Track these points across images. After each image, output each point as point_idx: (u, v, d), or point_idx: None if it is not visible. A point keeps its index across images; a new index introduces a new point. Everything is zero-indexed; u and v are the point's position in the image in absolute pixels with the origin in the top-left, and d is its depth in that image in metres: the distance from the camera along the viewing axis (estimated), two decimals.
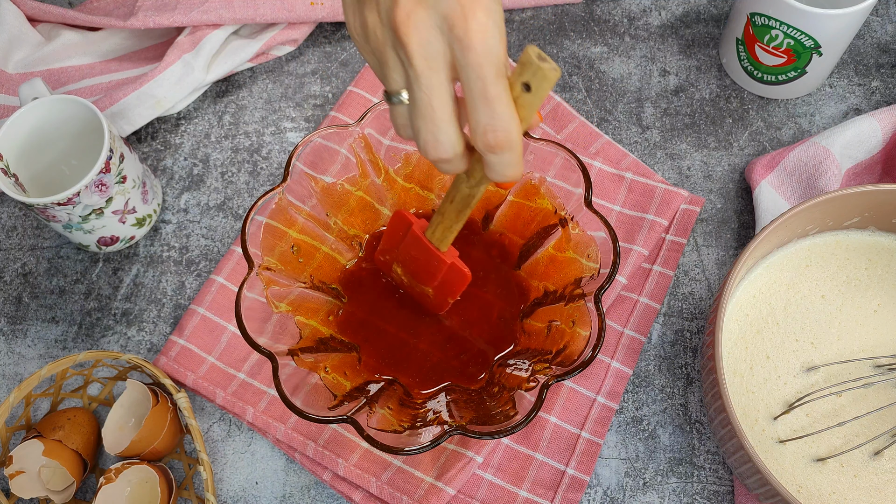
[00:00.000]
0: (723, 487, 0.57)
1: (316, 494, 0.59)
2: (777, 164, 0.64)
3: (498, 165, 0.40)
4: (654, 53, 0.72)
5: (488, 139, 0.38)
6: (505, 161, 0.40)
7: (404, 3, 0.37)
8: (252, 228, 0.53)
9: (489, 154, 0.39)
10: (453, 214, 0.48)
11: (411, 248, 0.53)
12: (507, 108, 0.38)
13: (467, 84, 0.38)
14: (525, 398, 0.50)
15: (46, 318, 0.65)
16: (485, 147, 0.39)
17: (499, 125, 0.38)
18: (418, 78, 0.38)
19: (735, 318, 0.57)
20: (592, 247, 0.54)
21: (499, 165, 0.40)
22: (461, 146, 0.41)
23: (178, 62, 0.68)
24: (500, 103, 0.37)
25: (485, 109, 0.38)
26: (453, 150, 0.40)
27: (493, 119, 0.38)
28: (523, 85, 0.38)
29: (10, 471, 0.56)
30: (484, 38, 0.36)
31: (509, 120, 0.38)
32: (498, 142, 0.38)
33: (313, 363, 0.53)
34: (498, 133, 0.38)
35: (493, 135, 0.38)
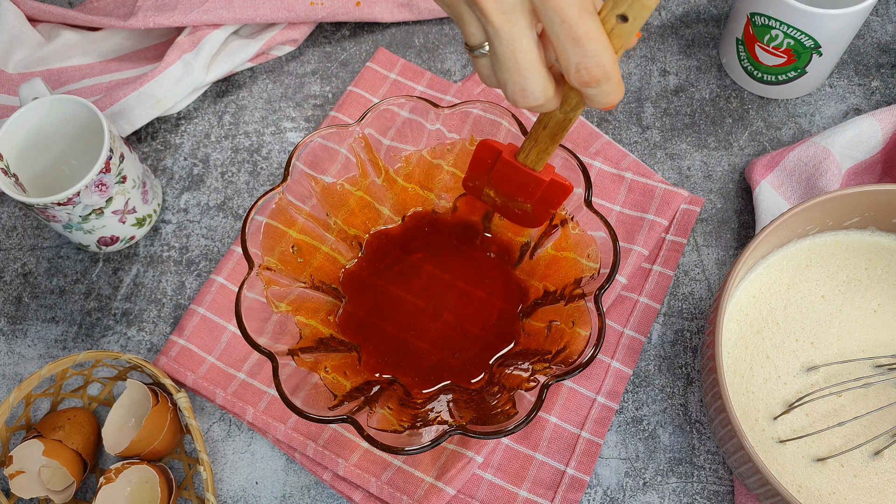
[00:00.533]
0: (723, 487, 0.57)
1: (316, 494, 0.59)
2: (777, 164, 0.64)
3: (597, 96, 0.39)
4: (654, 53, 0.72)
5: (583, 76, 0.37)
6: (604, 91, 0.38)
7: None
8: (252, 228, 0.53)
9: (586, 88, 0.38)
10: (547, 139, 0.47)
11: (505, 173, 0.51)
12: (597, 43, 0.36)
13: (551, 29, 0.37)
14: (525, 398, 0.50)
15: (46, 318, 0.65)
16: (580, 84, 0.38)
17: (592, 62, 0.37)
18: (498, 33, 0.37)
19: (735, 318, 0.57)
20: (592, 247, 0.54)
21: (598, 96, 0.39)
22: (551, 90, 0.40)
23: (178, 62, 0.68)
24: (591, 41, 0.36)
25: (575, 49, 0.37)
26: (544, 97, 0.39)
27: (584, 57, 0.37)
28: (618, 17, 0.36)
29: (10, 471, 0.56)
30: None
31: (602, 54, 0.37)
32: (593, 77, 0.37)
33: (313, 363, 0.53)
34: (592, 69, 0.37)
35: (586, 72, 0.37)
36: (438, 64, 0.73)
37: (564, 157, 0.54)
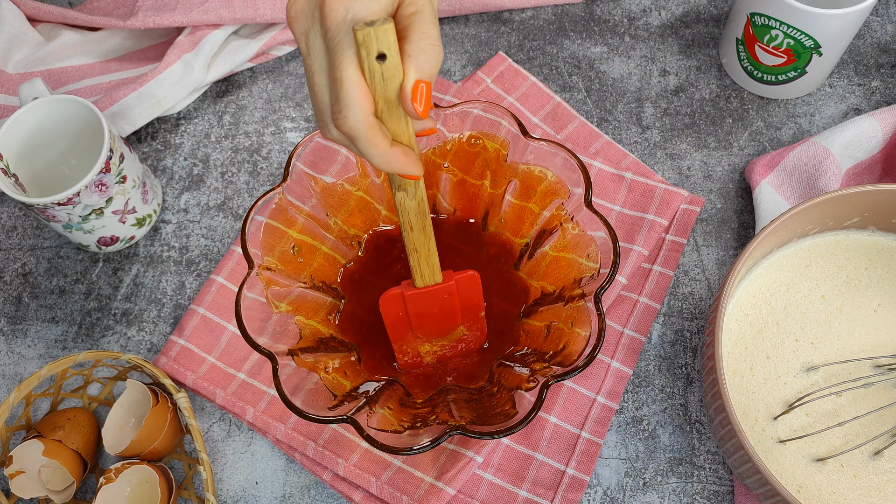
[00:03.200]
0: (723, 487, 0.57)
1: (316, 494, 0.59)
2: (777, 164, 0.64)
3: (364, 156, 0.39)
4: (654, 53, 0.72)
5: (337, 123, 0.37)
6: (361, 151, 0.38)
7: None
8: (252, 228, 0.53)
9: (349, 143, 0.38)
10: (421, 238, 0.46)
11: (419, 309, 0.51)
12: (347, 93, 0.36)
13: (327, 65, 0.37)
14: (525, 398, 0.50)
15: (46, 318, 0.65)
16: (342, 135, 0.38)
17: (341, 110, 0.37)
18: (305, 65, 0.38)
19: (735, 318, 0.57)
20: (592, 247, 0.54)
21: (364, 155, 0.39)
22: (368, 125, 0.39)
23: (178, 62, 0.68)
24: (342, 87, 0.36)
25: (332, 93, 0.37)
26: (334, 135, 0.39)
27: (336, 103, 0.37)
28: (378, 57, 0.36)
29: (10, 471, 0.56)
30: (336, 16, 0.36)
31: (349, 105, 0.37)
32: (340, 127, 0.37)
33: (313, 363, 0.53)
34: (339, 118, 0.37)
35: (335, 118, 0.37)
36: None
37: (564, 156, 0.54)
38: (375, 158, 0.39)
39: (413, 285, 0.50)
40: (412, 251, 0.47)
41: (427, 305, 0.51)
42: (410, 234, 0.46)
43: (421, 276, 0.49)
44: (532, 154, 0.56)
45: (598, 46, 0.73)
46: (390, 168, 0.40)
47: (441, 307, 0.51)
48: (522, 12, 0.75)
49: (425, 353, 0.55)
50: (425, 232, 0.46)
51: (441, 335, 0.54)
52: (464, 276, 0.51)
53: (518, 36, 0.74)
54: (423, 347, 0.55)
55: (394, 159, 0.39)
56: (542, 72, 0.72)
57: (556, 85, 0.71)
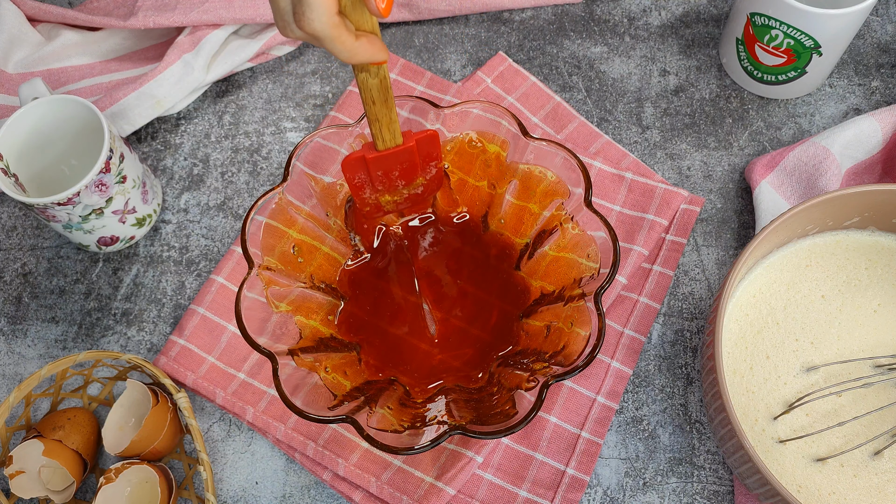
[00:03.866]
0: (723, 487, 0.57)
1: (316, 494, 0.59)
2: (777, 164, 0.64)
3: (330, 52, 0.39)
4: (654, 53, 0.72)
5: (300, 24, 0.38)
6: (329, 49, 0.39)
7: None
8: (252, 228, 0.53)
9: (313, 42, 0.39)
10: (384, 110, 0.48)
11: (381, 168, 0.52)
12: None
13: None
14: (525, 398, 0.50)
15: (46, 318, 0.65)
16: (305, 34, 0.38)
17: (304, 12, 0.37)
18: None
19: (735, 318, 0.57)
20: (592, 247, 0.54)
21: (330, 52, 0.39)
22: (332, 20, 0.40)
23: (178, 62, 0.68)
24: None
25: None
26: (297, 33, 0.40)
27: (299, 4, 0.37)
28: None
29: (10, 471, 0.56)
30: None
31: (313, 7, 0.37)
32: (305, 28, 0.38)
33: (313, 363, 0.53)
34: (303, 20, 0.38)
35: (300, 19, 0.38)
36: (438, 64, 0.73)
37: (564, 156, 0.54)
38: (343, 55, 0.40)
39: (374, 149, 0.51)
40: (374, 121, 0.48)
41: (389, 166, 0.52)
42: (373, 107, 0.47)
43: (382, 140, 0.50)
44: (532, 154, 0.56)
45: (598, 46, 0.73)
46: (358, 60, 0.41)
47: (402, 165, 0.52)
48: (522, 12, 0.75)
49: (385, 203, 0.56)
50: (387, 104, 0.47)
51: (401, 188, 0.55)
52: (423, 136, 0.52)
53: (518, 36, 0.74)
54: (384, 198, 0.55)
55: (360, 51, 0.40)
56: (542, 72, 0.72)
57: (556, 85, 0.71)
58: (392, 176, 0.53)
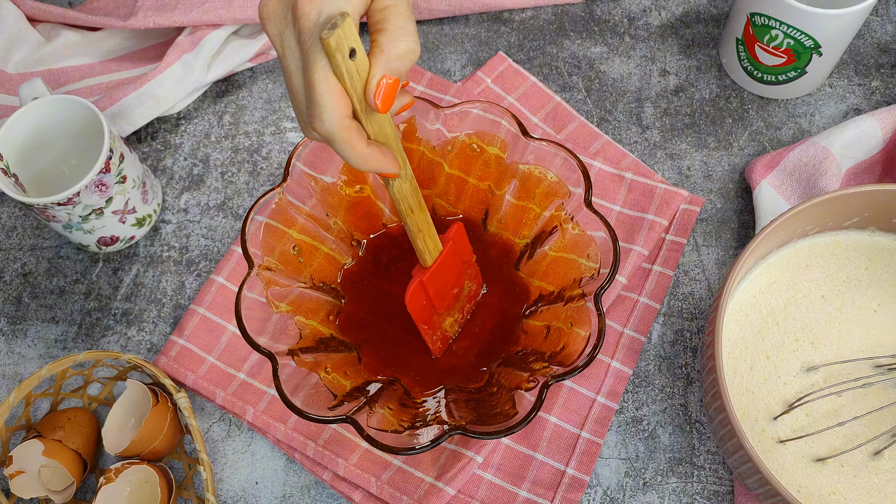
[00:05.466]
0: (723, 487, 0.57)
1: (316, 494, 0.59)
2: (777, 164, 0.64)
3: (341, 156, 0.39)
4: (654, 53, 0.72)
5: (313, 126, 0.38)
6: (338, 152, 0.39)
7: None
8: (252, 228, 0.53)
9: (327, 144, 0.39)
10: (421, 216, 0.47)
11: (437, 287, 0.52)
12: (320, 96, 0.36)
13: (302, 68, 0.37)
14: (525, 398, 0.50)
15: (46, 318, 0.65)
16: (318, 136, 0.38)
17: (315, 113, 0.37)
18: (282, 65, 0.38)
19: (735, 318, 0.57)
20: (592, 247, 0.54)
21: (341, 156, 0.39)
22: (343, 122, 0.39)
23: (178, 62, 0.68)
24: (314, 91, 0.36)
25: (307, 95, 0.37)
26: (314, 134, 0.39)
27: (311, 106, 0.37)
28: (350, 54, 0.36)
29: (10, 471, 0.56)
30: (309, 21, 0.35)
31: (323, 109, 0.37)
32: (317, 130, 0.38)
33: (313, 363, 0.53)
34: (314, 121, 0.37)
35: (311, 121, 0.37)
36: (438, 64, 0.73)
37: (564, 157, 0.54)
38: (352, 160, 0.39)
39: (423, 267, 0.50)
40: (417, 232, 0.47)
41: (442, 279, 0.51)
42: (412, 216, 0.46)
43: (429, 253, 0.49)
44: (532, 154, 0.56)
45: (598, 46, 0.73)
46: (367, 168, 0.40)
47: (450, 273, 0.51)
48: (522, 12, 0.75)
49: (449, 326, 0.55)
50: (422, 208, 0.46)
51: (457, 300, 0.54)
52: (454, 232, 0.51)
53: (518, 36, 0.74)
54: (447, 322, 0.55)
55: (370, 159, 0.40)
56: (542, 72, 0.72)
57: (556, 85, 0.71)
58: (446, 289, 0.52)
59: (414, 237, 0.48)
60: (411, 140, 0.58)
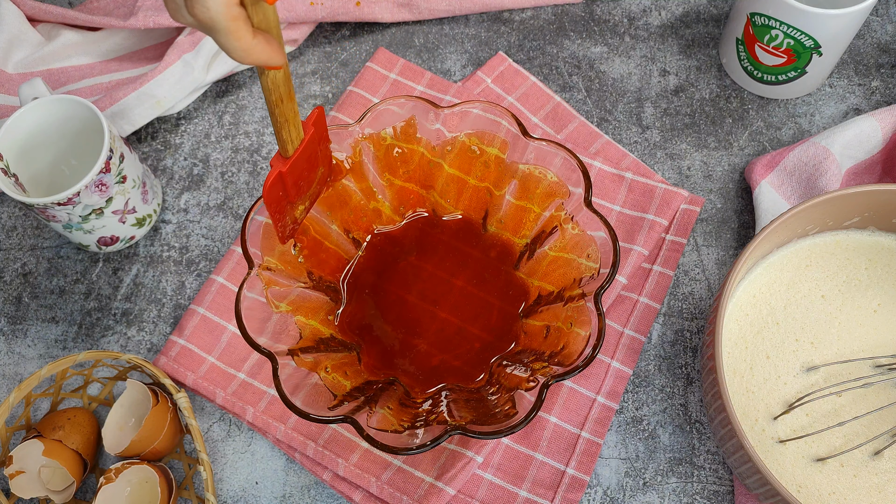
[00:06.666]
0: (723, 487, 0.57)
1: (316, 494, 0.59)
2: (777, 164, 0.64)
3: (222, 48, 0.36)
4: (654, 53, 0.72)
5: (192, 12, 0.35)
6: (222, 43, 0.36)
7: None
8: (252, 228, 0.53)
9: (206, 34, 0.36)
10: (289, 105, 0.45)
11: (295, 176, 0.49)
12: None
13: None
14: (525, 398, 0.50)
15: (46, 318, 0.65)
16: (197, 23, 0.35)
17: None
18: None
19: (735, 318, 0.57)
20: (592, 247, 0.54)
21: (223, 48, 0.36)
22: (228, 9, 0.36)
23: (178, 62, 0.68)
24: None
25: None
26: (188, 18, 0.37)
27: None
28: None
29: (10, 471, 0.56)
30: None
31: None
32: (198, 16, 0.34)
33: (313, 363, 0.53)
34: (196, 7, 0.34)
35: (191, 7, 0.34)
36: (438, 64, 0.73)
37: (564, 156, 0.54)
38: (237, 52, 0.37)
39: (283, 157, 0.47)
40: (283, 122, 0.45)
41: (300, 167, 0.49)
42: (281, 107, 0.44)
43: (291, 143, 0.47)
44: (532, 154, 0.56)
45: (598, 46, 0.73)
46: (251, 60, 0.38)
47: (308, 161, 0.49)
48: (522, 12, 0.75)
49: (299, 214, 0.53)
50: (291, 97, 0.44)
51: (310, 186, 0.52)
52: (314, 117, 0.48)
53: (518, 36, 0.74)
54: (298, 210, 0.53)
55: (256, 50, 0.37)
56: (542, 72, 0.72)
57: (556, 85, 0.71)
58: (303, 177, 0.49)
59: (280, 128, 0.45)
60: (411, 140, 0.58)
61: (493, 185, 0.60)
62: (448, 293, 0.60)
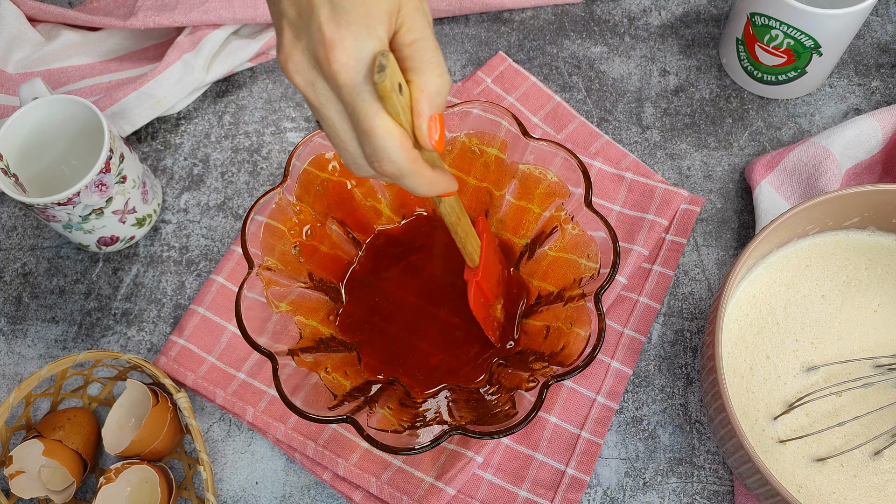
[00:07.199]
0: (723, 487, 0.57)
1: (316, 494, 0.59)
2: (777, 164, 0.64)
3: (409, 188, 0.40)
4: (654, 53, 0.72)
5: (377, 169, 0.39)
6: (408, 185, 0.40)
7: (285, 46, 0.37)
8: (252, 228, 0.53)
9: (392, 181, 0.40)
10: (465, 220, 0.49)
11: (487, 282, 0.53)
12: (384, 140, 0.37)
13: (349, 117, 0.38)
14: (525, 398, 0.50)
15: (46, 318, 0.65)
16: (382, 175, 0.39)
17: (381, 157, 0.38)
18: (317, 113, 0.39)
19: (735, 318, 0.57)
20: (592, 247, 0.54)
21: (409, 188, 0.40)
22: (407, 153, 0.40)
23: (178, 62, 0.68)
24: (376, 137, 0.37)
25: (366, 142, 0.38)
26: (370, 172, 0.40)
27: (374, 151, 0.38)
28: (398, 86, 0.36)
29: (10, 471, 0.56)
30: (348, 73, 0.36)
31: (389, 151, 0.37)
32: (385, 172, 0.38)
33: (313, 363, 0.53)
34: (383, 164, 0.38)
35: (378, 165, 0.38)
36: None
37: (564, 156, 0.54)
38: (422, 188, 0.40)
39: (470, 267, 0.52)
40: (465, 237, 0.49)
41: (487, 272, 0.53)
42: (460, 224, 0.48)
43: (474, 252, 0.51)
44: (532, 154, 0.56)
45: (598, 46, 0.73)
46: (435, 191, 0.41)
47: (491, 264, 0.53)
48: (522, 12, 0.75)
49: (499, 313, 0.57)
50: (464, 213, 0.48)
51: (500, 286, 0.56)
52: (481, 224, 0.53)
53: (518, 36, 0.74)
54: (497, 311, 0.56)
55: (438, 183, 0.41)
56: (542, 72, 0.72)
57: (556, 85, 0.71)
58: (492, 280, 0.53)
59: (463, 244, 0.49)
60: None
61: (493, 185, 0.59)
62: (448, 293, 0.60)
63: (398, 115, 0.37)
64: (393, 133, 0.37)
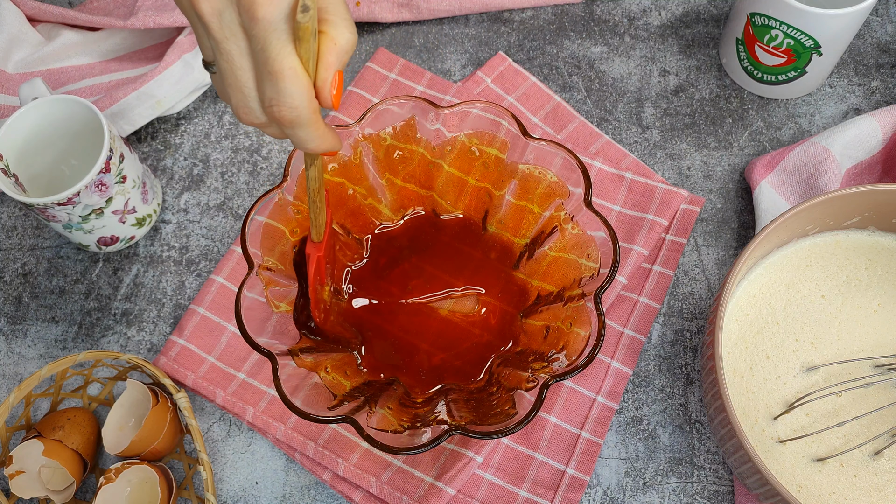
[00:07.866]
0: (723, 487, 0.57)
1: (316, 494, 0.59)
2: (777, 164, 0.64)
3: (296, 140, 0.39)
4: (654, 53, 0.72)
5: (274, 114, 0.37)
6: (300, 136, 0.38)
7: None
8: (252, 228, 0.53)
9: (284, 128, 0.38)
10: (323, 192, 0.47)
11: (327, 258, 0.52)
12: (291, 83, 0.36)
13: (254, 55, 0.36)
14: (525, 398, 0.50)
15: (46, 318, 0.65)
16: (275, 121, 0.38)
17: (284, 101, 0.36)
18: (218, 47, 0.37)
19: (735, 318, 0.57)
20: (592, 247, 0.54)
21: (297, 140, 0.39)
22: None
23: (178, 62, 0.68)
24: (284, 78, 0.36)
25: (269, 84, 0.36)
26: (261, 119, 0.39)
27: (277, 94, 0.36)
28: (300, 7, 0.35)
29: (10, 471, 0.56)
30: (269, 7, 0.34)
31: (294, 95, 0.36)
32: (283, 117, 0.37)
33: (313, 363, 0.53)
34: (283, 108, 0.37)
35: (277, 109, 0.37)
36: (438, 64, 0.73)
37: (564, 156, 0.54)
38: (313, 141, 0.39)
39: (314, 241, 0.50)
40: (319, 208, 0.48)
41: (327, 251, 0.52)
42: (320, 192, 0.47)
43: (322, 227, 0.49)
44: (532, 154, 0.56)
45: (598, 46, 0.73)
46: (324, 147, 0.40)
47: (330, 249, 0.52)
48: (522, 12, 0.75)
49: (326, 297, 0.56)
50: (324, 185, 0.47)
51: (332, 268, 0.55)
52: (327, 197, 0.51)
53: (518, 36, 0.74)
54: (324, 293, 0.55)
55: (328, 137, 0.39)
56: (542, 72, 0.72)
57: (556, 85, 0.71)
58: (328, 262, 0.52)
59: (318, 214, 0.48)
60: (410, 140, 0.58)
61: (492, 185, 0.59)
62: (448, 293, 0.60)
63: (308, 62, 0.36)
64: (301, 77, 0.36)
